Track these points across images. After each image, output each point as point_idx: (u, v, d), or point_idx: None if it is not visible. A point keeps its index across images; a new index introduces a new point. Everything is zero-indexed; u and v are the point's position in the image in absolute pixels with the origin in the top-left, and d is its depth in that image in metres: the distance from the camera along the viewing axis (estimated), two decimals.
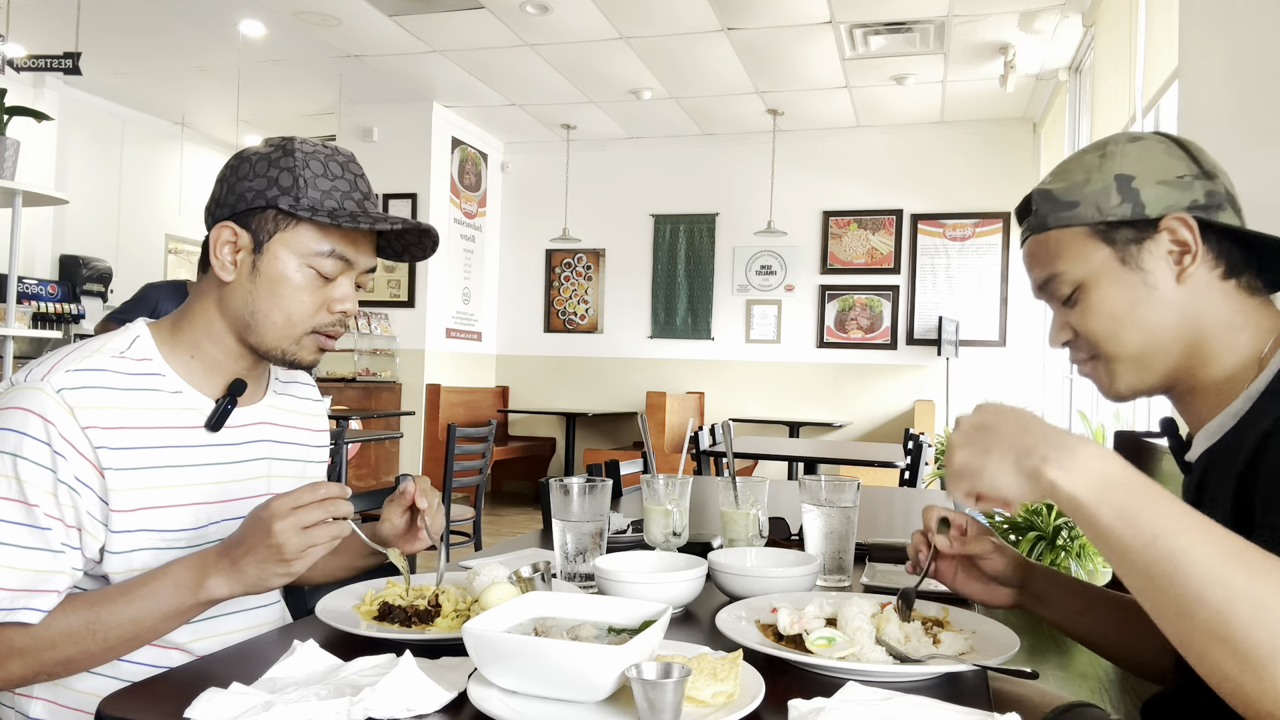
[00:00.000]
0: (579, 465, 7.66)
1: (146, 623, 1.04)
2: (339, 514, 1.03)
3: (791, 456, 4.58)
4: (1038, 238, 1.00)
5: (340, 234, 1.14)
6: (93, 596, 1.05)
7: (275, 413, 1.29)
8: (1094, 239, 0.95)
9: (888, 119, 7.37)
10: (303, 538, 1.01)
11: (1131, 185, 0.93)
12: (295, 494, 1.02)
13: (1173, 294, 0.93)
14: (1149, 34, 3.79)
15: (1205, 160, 0.96)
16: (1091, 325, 0.96)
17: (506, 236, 8.45)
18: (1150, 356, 0.94)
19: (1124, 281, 0.94)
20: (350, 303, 1.18)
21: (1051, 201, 0.98)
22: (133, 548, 1.09)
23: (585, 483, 1.32)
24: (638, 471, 2.44)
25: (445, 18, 5.58)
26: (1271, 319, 0.93)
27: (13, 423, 1.03)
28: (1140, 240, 0.93)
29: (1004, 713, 0.79)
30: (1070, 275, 0.96)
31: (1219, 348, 0.92)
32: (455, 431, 4.22)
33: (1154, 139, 0.97)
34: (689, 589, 1.18)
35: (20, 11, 5.57)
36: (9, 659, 1.00)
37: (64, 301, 6.84)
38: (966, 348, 7.23)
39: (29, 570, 1.01)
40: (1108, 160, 0.95)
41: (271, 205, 1.12)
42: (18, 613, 0.99)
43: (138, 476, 1.09)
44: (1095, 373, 1.00)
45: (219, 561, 1.04)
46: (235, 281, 1.14)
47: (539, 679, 0.83)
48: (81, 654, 1.03)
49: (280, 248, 1.13)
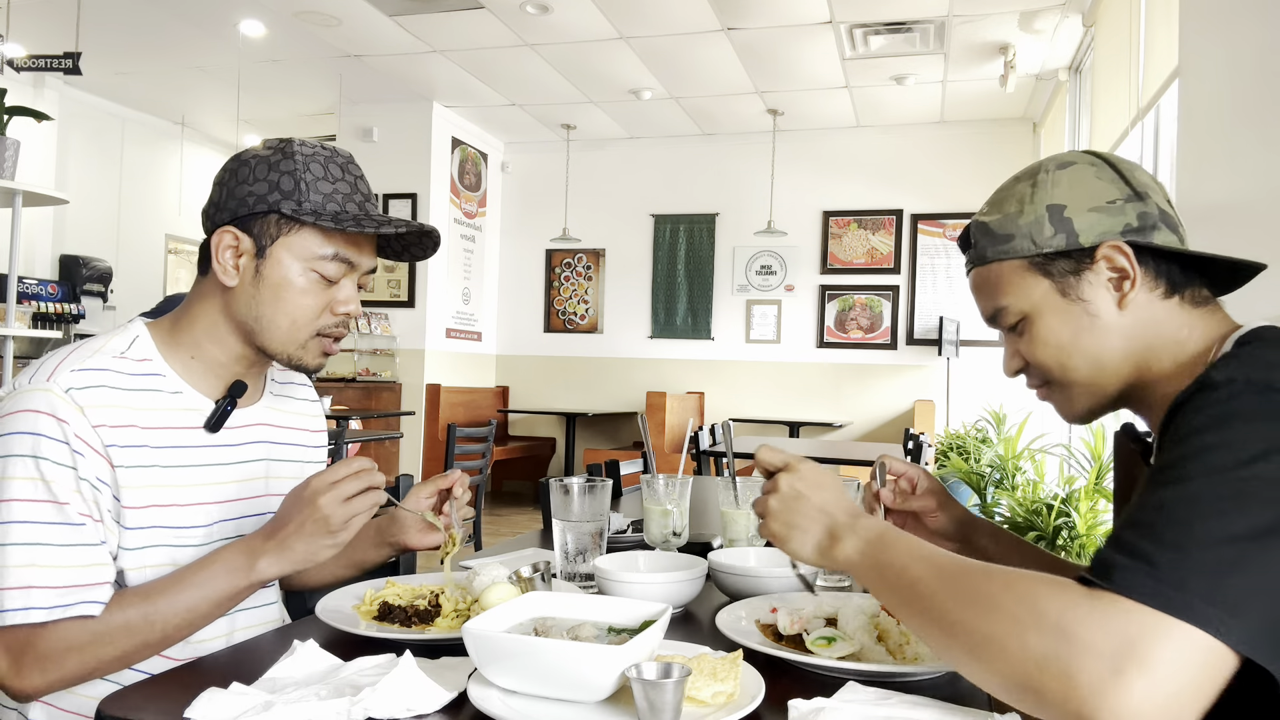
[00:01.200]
0: (579, 465, 7.66)
1: (200, 609, 1.07)
2: (374, 484, 1.08)
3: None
4: (980, 270, 1.02)
5: (343, 237, 1.14)
6: (144, 590, 1.07)
7: (273, 414, 1.29)
8: (1033, 272, 0.96)
9: (888, 119, 7.37)
10: (346, 508, 1.05)
11: (1064, 215, 0.94)
12: (331, 471, 1.07)
13: (1115, 320, 0.94)
14: (1149, 34, 3.79)
15: (1136, 180, 0.96)
16: (1039, 355, 0.98)
17: (506, 236, 8.45)
18: (1100, 381, 0.96)
19: (1066, 312, 0.95)
20: (353, 304, 1.18)
21: (989, 235, 0.99)
22: (145, 544, 1.10)
23: (585, 483, 1.32)
24: (638, 471, 2.44)
25: (445, 18, 5.58)
26: (1217, 325, 0.94)
27: (25, 425, 1.03)
28: (1078, 271, 0.94)
29: (1004, 713, 0.79)
30: (1014, 308, 0.98)
31: (1168, 362, 0.94)
32: (455, 431, 4.23)
33: (1084, 162, 0.97)
34: (689, 589, 1.18)
35: (20, 11, 5.57)
36: (66, 655, 1.01)
37: (64, 301, 6.84)
38: (967, 348, 7.23)
39: (75, 566, 1.02)
40: (1039, 190, 0.96)
41: (274, 210, 1.11)
42: (76, 607, 1.01)
43: (144, 475, 1.10)
44: (1051, 398, 1.02)
45: (266, 543, 1.08)
46: (239, 286, 1.14)
47: (539, 679, 0.83)
48: (139, 646, 1.04)
49: (283, 252, 1.13)
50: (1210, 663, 0.66)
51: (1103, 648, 0.67)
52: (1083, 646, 0.68)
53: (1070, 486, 4.03)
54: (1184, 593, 0.67)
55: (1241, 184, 2.33)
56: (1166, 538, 0.70)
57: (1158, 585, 0.68)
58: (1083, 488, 3.67)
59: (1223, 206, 2.45)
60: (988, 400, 6.58)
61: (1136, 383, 0.96)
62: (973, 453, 5.48)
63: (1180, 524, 0.70)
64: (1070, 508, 3.62)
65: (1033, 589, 0.73)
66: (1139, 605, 0.68)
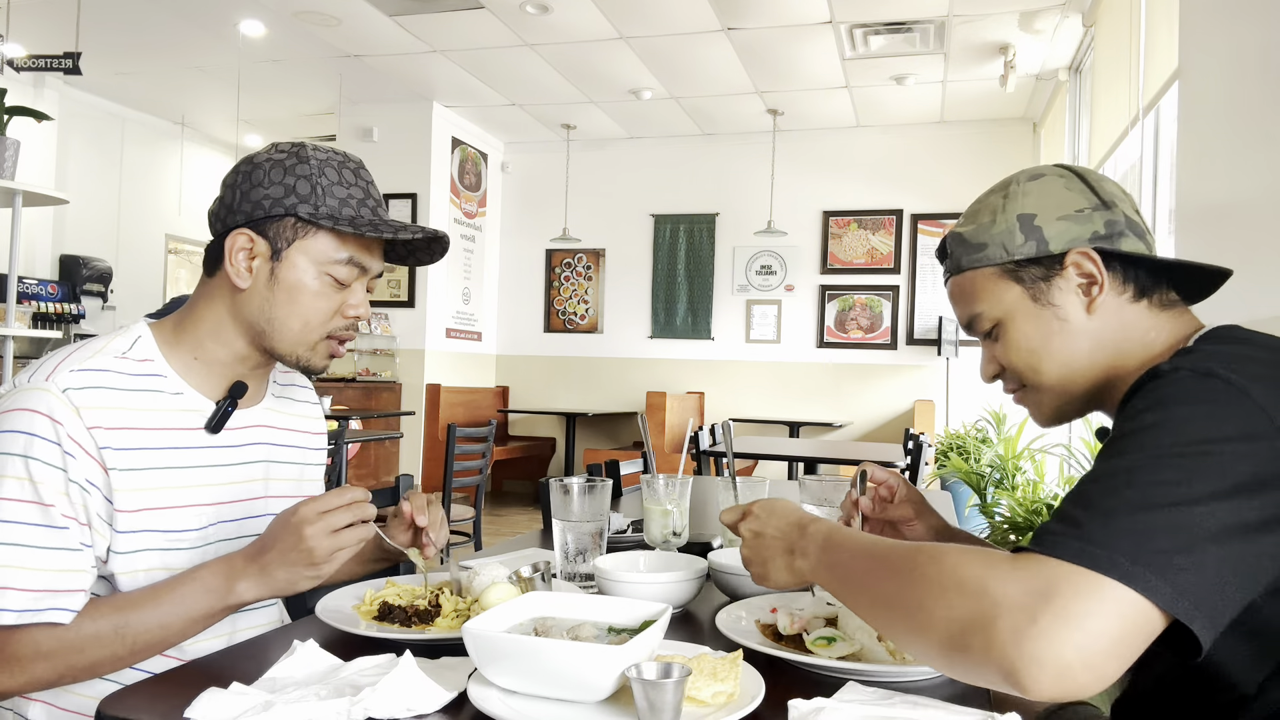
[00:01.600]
0: (579, 465, 7.66)
1: (174, 627, 1.05)
2: (364, 517, 1.06)
3: (791, 456, 4.58)
4: (956, 279, 1.06)
5: (357, 241, 1.16)
6: (119, 601, 1.05)
7: (274, 415, 1.29)
8: (1005, 278, 1.00)
9: (888, 119, 7.37)
10: (332, 540, 1.03)
11: (1034, 223, 0.98)
12: (323, 499, 1.04)
13: (1084, 324, 0.97)
14: (1149, 34, 3.79)
15: (1104, 190, 0.99)
16: (1013, 359, 1.02)
17: (506, 236, 8.45)
18: (1070, 384, 1.00)
19: (1037, 317, 0.99)
20: (364, 308, 1.20)
21: (963, 244, 1.03)
22: (137, 548, 1.09)
23: (585, 483, 1.32)
24: (638, 471, 2.44)
25: (445, 18, 5.58)
26: (1184, 325, 0.97)
27: (20, 424, 1.02)
28: (1048, 277, 0.98)
29: (1003, 713, 0.79)
30: (989, 314, 1.02)
31: (1135, 363, 0.96)
32: (455, 431, 4.23)
33: (1054, 174, 1.01)
34: (689, 589, 1.18)
35: (20, 11, 5.57)
36: (35, 662, 1.00)
37: (64, 301, 6.84)
38: (967, 348, 7.22)
39: (52, 570, 1.01)
40: (1010, 201, 1.01)
41: (290, 213, 1.12)
42: (46, 613, 0.99)
43: (140, 477, 1.09)
44: (1025, 401, 1.06)
45: (248, 566, 1.06)
46: (251, 288, 1.14)
47: (539, 679, 0.83)
48: (109, 658, 1.03)
49: (299, 255, 1.13)
50: (1133, 618, 0.68)
51: (1019, 599, 0.70)
52: (999, 600, 0.70)
53: (1070, 487, 4.02)
54: (1109, 550, 0.69)
55: (1241, 184, 2.33)
56: (1097, 504, 0.73)
57: (1082, 545, 0.70)
58: None
59: (1223, 206, 2.45)
60: (988, 400, 6.57)
61: (1105, 384, 0.98)
62: (973, 453, 5.48)
63: (1112, 493, 0.74)
64: None
65: (960, 558, 0.76)
66: (1059, 561, 0.71)
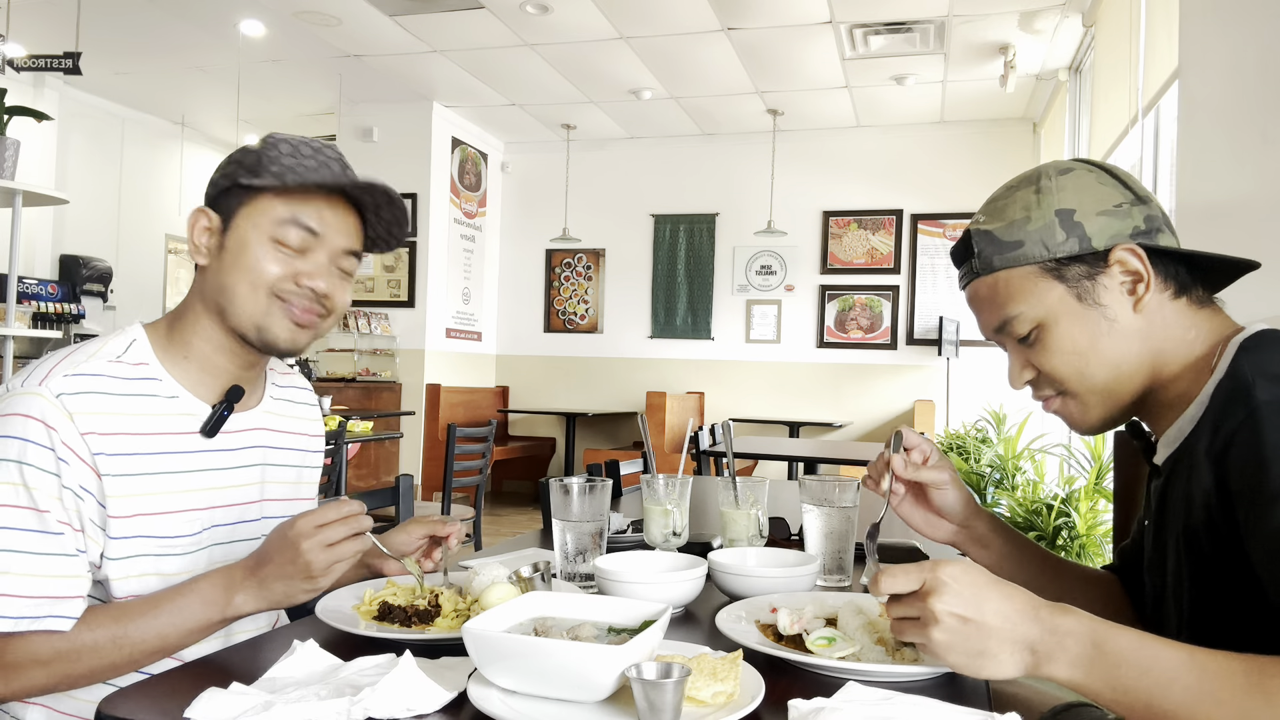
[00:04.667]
0: (579, 465, 7.66)
1: (172, 638, 1.05)
2: (360, 529, 1.05)
3: (791, 456, 4.58)
4: (985, 280, 0.99)
5: (304, 204, 1.14)
6: (117, 611, 1.05)
7: (271, 418, 1.28)
8: (1046, 277, 0.95)
9: (888, 119, 7.37)
10: (328, 554, 1.03)
11: (1074, 219, 0.93)
12: (319, 512, 1.04)
13: (1132, 323, 0.94)
14: (1149, 34, 3.79)
15: (1136, 185, 0.96)
16: (1055, 363, 0.96)
17: (506, 236, 8.45)
18: (1117, 387, 0.95)
19: (1084, 318, 0.94)
20: (321, 280, 1.16)
21: (994, 243, 0.97)
22: (131, 554, 1.09)
23: (585, 483, 1.32)
24: (638, 471, 2.44)
25: (445, 18, 5.58)
26: (1220, 326, 0.94)
27: (14, 429, 1.02)
28: (1093, 275, 0.94)
29: (1003, 712, 0.79)
30: (1028, 315, 0.96)
31: (1176, 365, 0.93)
32: (455, 431, 4.23)
33: (1082, 169, 0.97)
34: (689, 589, 1.18)
35: (20, 11, 5.57)
36: (31, 668, 0.99)
37: (64, 301, 6.84)
38: (967, 348, 7.23)
39: (48, 577, 1.00)
40: (1045, 195, 0.95)
41: (234, 183, 1.14)
42: (44, 620, 0.99)
43: (134, 483, 1.09)
44: (1065, 409, 1.00)
45: (246, 579, 1.05)
46: (210, 264, 1.16)
47: (539, 679, 0.83)
48: (105, 666, 1.03)
49: (243, 221, 1.14)
50: None
51: None
52: None
53: (1070, 487, 4.03)
54: None
55: (1241, 184, 2.33)
56: None
57: None
58: (1083, 488, 3.68)
59: (1223, 206, 2.45)
60: (988, 400, 6.58)
61: (1148, 387, 0.95)
62: (973, 453, 5.48)
63: None
64: (1070, 508, 3.63)
65: None
66: None
